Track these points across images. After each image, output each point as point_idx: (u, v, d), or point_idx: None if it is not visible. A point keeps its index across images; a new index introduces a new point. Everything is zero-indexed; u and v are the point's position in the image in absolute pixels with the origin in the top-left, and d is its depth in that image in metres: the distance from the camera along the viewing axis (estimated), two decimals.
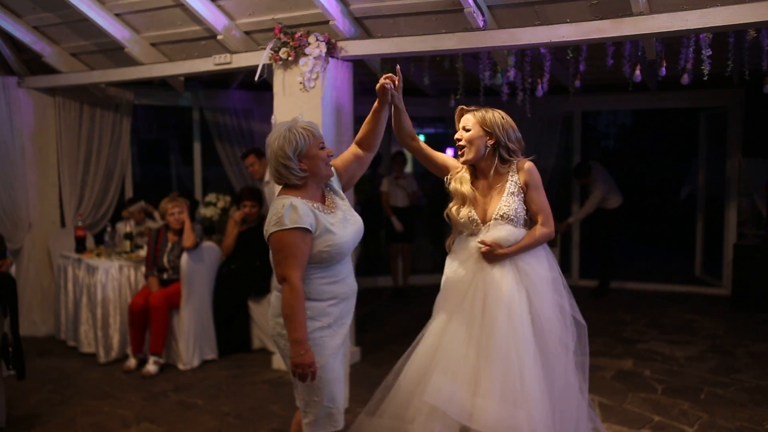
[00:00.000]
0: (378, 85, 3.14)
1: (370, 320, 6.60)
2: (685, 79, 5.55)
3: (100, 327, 5.78)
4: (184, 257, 5.66)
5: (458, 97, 6.25)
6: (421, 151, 3.45)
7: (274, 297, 3.00)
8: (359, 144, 3.25)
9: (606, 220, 8.05)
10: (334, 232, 2.89)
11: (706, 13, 4.05)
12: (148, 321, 5.64)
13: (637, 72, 5.63)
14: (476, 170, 3.33)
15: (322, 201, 2.99)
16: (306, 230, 2.79)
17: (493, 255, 3.16)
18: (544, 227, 3.20)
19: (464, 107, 3.32)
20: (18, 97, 6.66)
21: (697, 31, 4.34)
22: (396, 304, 7.70)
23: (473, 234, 3.25)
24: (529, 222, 3.28)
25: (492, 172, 3.27)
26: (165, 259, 5.78)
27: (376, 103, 3.18)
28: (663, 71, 5.38)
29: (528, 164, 3.24)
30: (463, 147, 3.25)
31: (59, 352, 6.18)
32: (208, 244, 6.01)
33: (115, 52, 6.13)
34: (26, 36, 6.18)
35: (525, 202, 3.23)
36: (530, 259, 3.21)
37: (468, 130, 3.23)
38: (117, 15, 5.68)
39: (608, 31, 4.36)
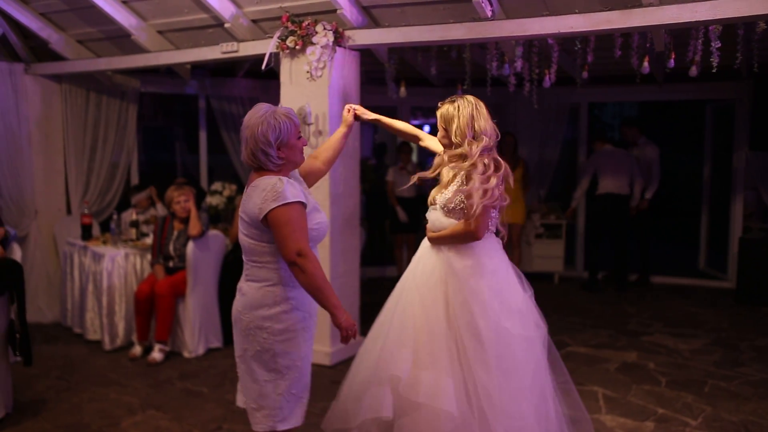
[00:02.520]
0: (351, 115, 3.45)
1: (374, 310, 6.59)
2: (694, 71, 5.52)
3: (105, 314, 5.80)
4: (190, 245, 5.67)
5: (465, 87, 6.23)
6: (430, 150, 3.58)
7: (252, 288, 2.88)
8: (317, 158, 3.29)
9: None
10: (320, 211, 2.92)
11: (716, 5, 4.04)
12: (154, 309, 5.66)
13: (645, 64, 5.60)
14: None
15: None
16: (304, 205, 2.77)
17: (428, 237, 3.30)
18: (463, 225, 3.13)
19: (441, 102, 3.33)
20: (24, 84, 6.67)
21: (707, 23, 4.32)
22: None
23: None
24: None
25: (458, 164, 3.22)
26: (171, 247, 5.79)
27: (343, 128, 3.42)
28: (672, 63, 5.35)
29: (472, 162, 3.11)
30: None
31: (65, 338, 6.21)
32: (213, 233, 6.02)
33: (121, 40, 6.13)
34: (33, 22, 6.18)
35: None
36: (454, 252, 3.19)
37: (438, 130, 3.31)
38: (124, 2, 5.67)
39: (617, 22, 4.34)
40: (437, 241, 3.24)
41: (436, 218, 3.25)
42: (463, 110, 3.17)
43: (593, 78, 7.16)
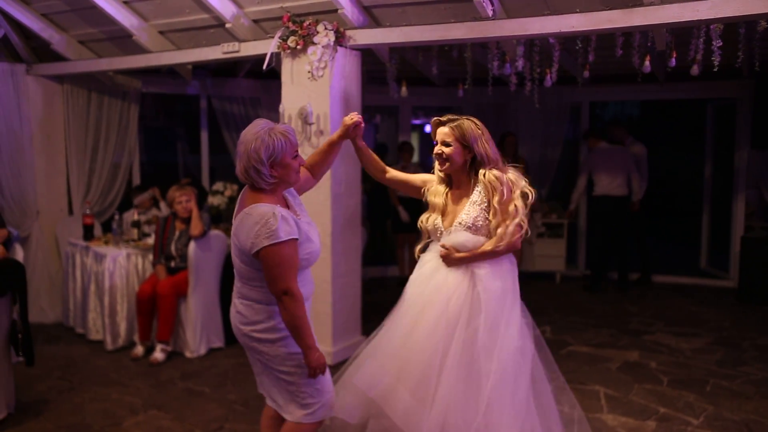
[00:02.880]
0: (351, 122, 3.23)
1: (376, 310, 6.60)
2: (695, 70, 5.51)
3: (107, 314, 5.81)
4: (192, 245, 5.68)
5: (466, 86, 6.24)
6: (397, 180, 3.56)
7: (244, 306, 2.91)
8: (309, 168, 3.23)
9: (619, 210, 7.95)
10: (312, 240, 2.89)
11: (717, 4, 4.03)
12: (156, 309, 5.66)
13: (647, 63, 5.59)
14: (451, 180, 3.35)
15: (286, 206, 2.92)
16: (296, 240, 2.75)
17: (450, 258, 3.20)
18: (496, 245, 3.13)
19: (439, 118, 3.29)
20: (26, 85, 6.67)
21: (708, 22, 4.32)
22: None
23: (437, 241, 3.31)
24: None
25: (465, 182, 3.27)
26: (172, 247, 5.79)
27: (335, 135, 3.26)
28: (673, 62, 5.35)
29: (490, 174, 3.15)
30: (445, 161, 3.24)
31: (67, 339, 6.21)
32: (215, 233, 6.02)
33: (123, 40, 6.13)
34: (34, 23, 6.19)
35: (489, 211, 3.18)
36: (488, 269, 3.17)
37: (448, 145, 3.20)
38: (125, 2, 5.68)
39: (618, 21, 4.34)
40: (473, 259, 3.17)
41: (466, 239, 3.17)
42: (484, 131, 3.20)
43: (594, 77, 7.16)
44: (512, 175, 3.18)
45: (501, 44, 5.82)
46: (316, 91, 5.16)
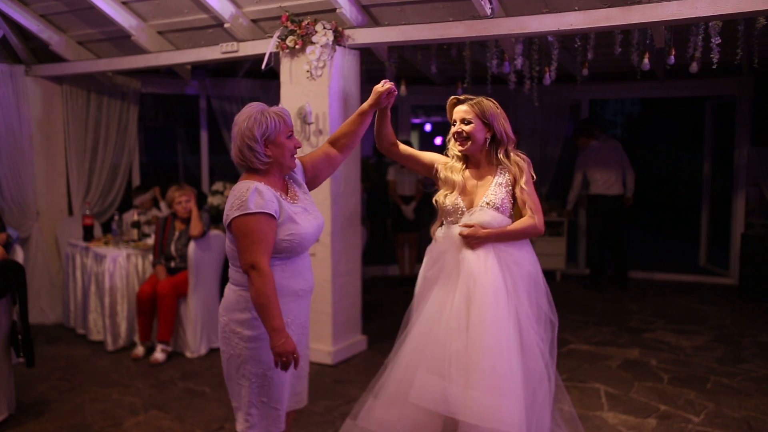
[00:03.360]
0: (384, 89, 3.06)
1: (376, 309, 6.62)
2: (694, 67, 5.52)
3: (107, 315, 5.81)
4: (192, 246, 5.68)
5: (465, 85, 6.24)
6: (405, 155, 3.42)
7: (230, 290, 2.87)
8: (334, 143, 3.13)
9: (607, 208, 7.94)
10: (297, 222, 2.79)
11: (716, 1, 4.03)
12: (156, 309, 5.67)
13: (646, 60, 5.59)
14: (468, 160, 3.29)
15: (285, 191, 2.88)
16: (271, 216, 2.69)
17: (475, 237, 3.10)
18: (532, 219, 3.15)
19: (457, 97, 3.27)
20: (25, 86, 6.68)
21: (707, 19, 4.32)
22: (403, 293, 7.69)
23: (456, 222, 3.21)
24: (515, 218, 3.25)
25: (484, 162, 3.25)
26: (172, 248, 5.79)
27: (366, 105, 3.09)
28: (672, 59, 5.34)
29: (519, 158, 3.23)
30: (466, 139, 3.18)
31: (67, 339, 6.22)
32: (215, 233, 6.02)
33: (122, 41, 6.13)
34: (33, 24, 6.19)
35: (513, 195, 3.21)
36: (514, 251, 3.16)
37: (468, 123, 3.17)
38: (124, 3, 5.68)
39: (617, 18, 4.33)
40: (499, 237, 3.12)
41: (492, 218, 3.13)
42: (501, 110, 3.22)
43: (594, 75, 7.16)
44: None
45: (500, 43, 5.82)
46: (315, 91, 5.16)
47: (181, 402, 4.72)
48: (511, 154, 3.22)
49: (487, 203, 3.15)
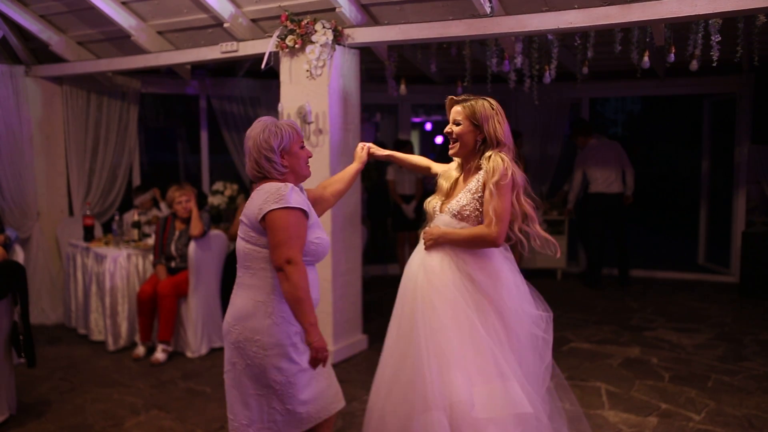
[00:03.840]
0: (365, 152, 3.38)
1: (376, 308, 6.62)
2: (694, 65, 5.51)
3: (108, 315, 5.81)
4: (192, 245, 5.68)
5: (465, 84, 6.24)
6: (438, 172, 3.40)
7: (242, 298, 2.80)
8: (326, 188, 3.25)
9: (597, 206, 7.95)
10: (322, 229, 2.85)
11: None
12: (157, 309, 5.67)
13: (646, 58, 5.59)
14: (462, 163, 3.21)
15: None
16: (307, 215, 2.72)
17: (428, 237, 3.07)
18: (485, 229, 2.94)
19: (453, 97, 3.15)
20: (25, 86, 6.68)
21: (707, 17, 4.31)
22: None
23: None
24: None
25: (473, 168, 3.11)
26: (173, 248, 5.80)
27: (354, 166, 3.36)
28: (672, 57, 5.34)
29: (493, 163, 2.95)
30: (455, 141, 3.11)
31: (68, 339, 6.22)
32: (215, 233, 6.02)
33: (121, 41, 6.13)
34: (33, 25, 6.19)
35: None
36: (468, 258, 3.02)
37: (458, 124, 3.08)
38: (123, 3, 5.68)
39: (616, 16, 4.33)
40: (450, 240, 3.02)
41: (445, 224, 3.05)
42: (498, 112, 3.05)
43: (594, 73, 7.16)
44: (519, 172, 3.00)
45: (499, 41, 5.82)
46: (314, 90, 5.16)
47: (181, 402, 4.72)
48: (493, 156, 2.98)
49: (449, 208, 3.08)
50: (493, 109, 3.04)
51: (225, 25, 5.40)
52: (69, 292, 6.44)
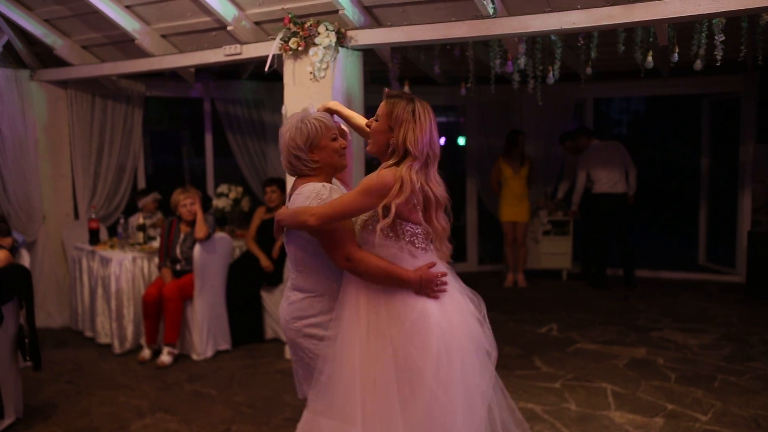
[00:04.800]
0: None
1: None
2: (698, 65, 5.50)
3: (114, 318, 5.82)
4: (197, 248, 5.69)
5: (469, 85, 6.23)
6: None
7: (298, 297, 2.83)
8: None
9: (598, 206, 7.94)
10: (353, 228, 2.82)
11: None
12: (162, 312, 5.68)
13: (650, 58, 5.58)
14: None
15: None
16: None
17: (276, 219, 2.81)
18: (311, 207, 2.64)
19: (389, 90, 2.81)
20: (30, 91, 6.70)
21: (710, 16, 4.30)
22: None
23: None
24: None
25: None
26: (178, 250, 5.81)
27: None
28: (675, 57, 5.33)
29: (380, 172, 2.68)
30: (369, 136, 2.88)
31: (74, 343, 6.23)
32: (220, 235, 6.03)
33: (125, 44, 6.14)
34: (37, 29, 6.20)
35: (384, 207, 2.62)
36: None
37: (377, 120, 2.77)
38: (127, 7, 5.69)
39: (619, 17, 4.32)
40: (287, 219, 2.72)
41: (358, 237, 2.78)
42: (420, 120, 2.66)
43: (598, 73, 7.15)
44: (410, 178, 2.61)
45: (503, 42, 5.81)
46: (318, 92, 5.16)
47: (187, 404, 4.73)
48: (388, 166, 2.69)
49: (358, 222, 2.82)
50: (413, 115, 2.66)
51: (228, 28, 5.41)
52: (75, 295, 6.46)
